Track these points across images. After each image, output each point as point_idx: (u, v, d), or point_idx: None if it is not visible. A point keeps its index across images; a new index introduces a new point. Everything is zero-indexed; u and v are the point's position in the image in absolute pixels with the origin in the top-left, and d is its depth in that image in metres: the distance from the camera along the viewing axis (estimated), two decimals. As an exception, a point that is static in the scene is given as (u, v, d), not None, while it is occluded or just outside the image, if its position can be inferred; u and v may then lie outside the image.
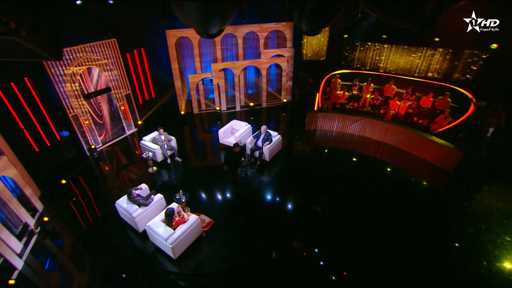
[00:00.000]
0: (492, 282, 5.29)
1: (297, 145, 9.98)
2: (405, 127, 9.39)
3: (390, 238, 6.27)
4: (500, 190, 7.74)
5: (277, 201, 7.41)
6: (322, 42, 11.72)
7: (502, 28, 8.83)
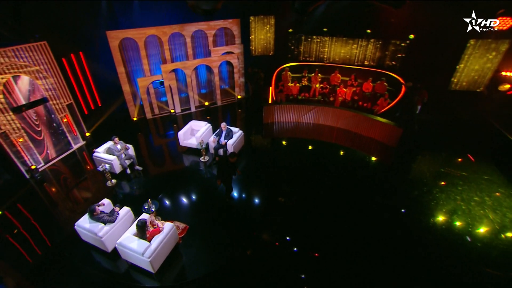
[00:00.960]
0: (435, 230, 6.04)
1: (258, 139, 9.92)
2: (353, 111, 10.01)
3: (351, 211, 6.64)
4: (431, 157, 8.73)
5: (249, 197, 7.22)
6: (269, 37, 11.84)
7: (417, 20, 10.06)
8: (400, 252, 5.63)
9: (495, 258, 5.44)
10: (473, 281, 5.09)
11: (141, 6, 9.78)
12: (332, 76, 11.75)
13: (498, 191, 7.10)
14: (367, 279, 5.13)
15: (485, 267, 5.28)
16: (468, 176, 7.66)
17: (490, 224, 6.15)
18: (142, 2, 9.73)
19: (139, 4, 9.71)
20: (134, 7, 9.72)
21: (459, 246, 5.71)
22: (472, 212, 6.47)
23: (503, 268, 5.26)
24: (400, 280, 5.14)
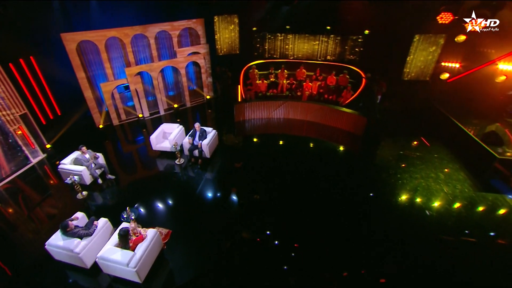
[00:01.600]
0: (403, 207, 6.52)
1: (232, 138, 9.87)
2: (320, 104, 10.41)
3: (325, 199, 6.90)
4: (393, 142, 9.36)
5: (228, 196, 7.13)
6: (233, 36, 11.79)
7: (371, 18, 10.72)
8: (373, 232, 6.00)
9: (450, 226, 6.05)
10: (433, 249, 5.58)
11: (100, 6, 9.09)
12: (298, 71, 12.08)
13: (448, 167, 7.91)
14: (344, 261, 5.38)
15: (442, 235, 5.84)
16: (424, 156, 8.41)
17: (445, 196, 6.83)
18: (101, 2, 9.05)
19: (98, 4, 9.01)
20: (92, 8, 8.97)
21: (421, 219, 6.25)
22: (431, 187, 7.13)
23: (457, 234, 5.86)
24: (374, 257, 5.46)
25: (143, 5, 8.91)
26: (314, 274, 5.11)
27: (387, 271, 5.14)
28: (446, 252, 5.52)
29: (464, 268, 5.21)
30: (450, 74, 10.69)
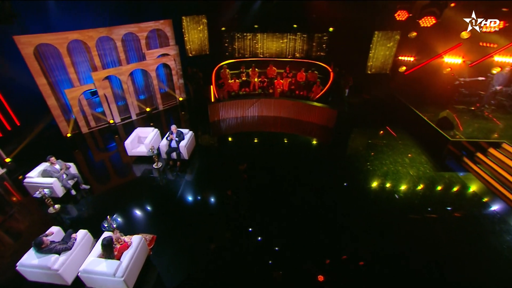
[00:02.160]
0: (375, 192, 6.96)
1: (208, 138, 9.78)
2: (292, 99, 10.67)
3: (303, 191, 7.11)
4: (362, 133, 9.90)
5: (209, 197, 7.05)
6: (203, 36, 11.62)
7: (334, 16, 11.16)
8: (350, 217, 6.31)
9: (417, 204, 6.55)
10: (401, 228, 5.98)
11: (59, 7, 8.38)
12: (268, 69, 12.26)
13: (411, 152, 8.56)
14: (325, 249, 5.56)
15: (409, 214, 6.28)
16: (390, 144, 9.01)
17: (411, 178, 7.40)
18: (60, 2, 8.35)
19: (56, 4, 8.30)
20: (50, 8, 8.23)
21: (393, 201, 6.69)
22: (399, 171, 7.67)
23: (421, 212, 6.35)
24: (352, 241, 5.74)
25: (107, 6, 8.41)
26: (297, 266, 5.22)
27: (364, 254, 5.40)
28: (414, 229, 5.94)
29: (429, 243, 5.64)
30: (406, 67, 11.53)
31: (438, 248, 5.50)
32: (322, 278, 4.93)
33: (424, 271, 5.04)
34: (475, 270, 5.08)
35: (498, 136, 8.25)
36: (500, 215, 6.28)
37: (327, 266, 5.17)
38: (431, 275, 4.98)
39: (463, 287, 4.81)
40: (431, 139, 8.83)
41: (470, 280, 4.90)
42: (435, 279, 4.90)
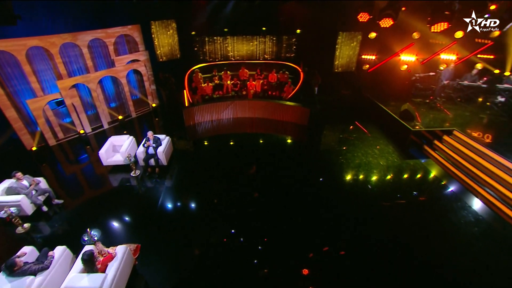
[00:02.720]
0: (350, 185, 7.41)
1: (185, 143, 9.68)
2: (265, 100, 10.93)
3: (282, 186, 7.31)
4: (334, 128, 10.39)
5: (191, 201, 6.97)
6: (173, 41, 11.45)
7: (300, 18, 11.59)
8: (327, 210, 6.60)
9: (388, 193, 7.06)
10: (376, 216, 6.39)
11: (16, 11, 7.60)
12: (240, 72, 12.41)
13: (379, 143, 9.20)
14: (307, 242, 5.74)
15: (383, 202, 6.75)
16: (361, 137, 9.60)
17: (382, 168, 7.96)
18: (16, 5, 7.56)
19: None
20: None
21: (366, 190, 7.15)
22: (370, 162, 8.20)
23: (392, 199, 6.85)
24: (332, 232, 6.02)
25: (71, 11, 7.97)
26: (282, 262, 5.34)
27: (344, 244, 5.66)
28: (387, 215, 6.40)
29: (400, 226, 6.11)
30: (369, 65, 12.33)
31: (408, 231, 5.97)
32: (306, 271, 5.11)
33: (399, 252, 5.46)
34: (441, 244, 5.64)
35: (449, 124, 9.14)
36: (456, 194, 7.02)
37: (310, 259, 5.34)
38: (405, 255, 5.42)
39: (433, 262, 5.30)
40: (395, 131, 9.54)
41: (438, 254, 5.43)
42: (408, 258, 5.35)
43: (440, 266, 5.20)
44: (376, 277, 4.99)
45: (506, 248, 5.58)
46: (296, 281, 5.00)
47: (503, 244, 5.67)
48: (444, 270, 5.13)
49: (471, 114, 9.99)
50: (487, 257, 5.37)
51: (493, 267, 5.18)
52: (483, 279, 4.97)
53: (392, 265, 5.21)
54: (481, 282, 4.92)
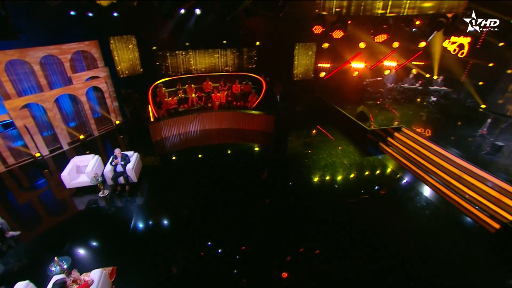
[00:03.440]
0: (319, 185, 7.91)
1: (153, 158, 9.44)
2: (231, 110, 11.16)
3: (254, 194, 7.47)
4: (298, 134, 10.99)
5: (164, 217, 6.79)
6: (134, 56, 11.17)
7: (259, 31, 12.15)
8: (298, 212, 6.91)
9: (354, 189, 7.65)
10: (345, 213, 6.86)
11: None
12: (204, 84, 12.51)
13: (341, 144, 9.94)
14: (283, 246, 5.92)
15: (348, 199, 7.26)
16: (324, 140, 10.27)
17: (346, 166, 8.61)
18: None
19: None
20: None
21: (334, 189, 7.67)
22: (335, 162, 8.81)
23: (357, 195, 7.38)
24: (305, 233, 6.33)
25: (20, 26, 7.32)
26: (261, 269, 5.42)
27: (318, 243, 5.93)
28: (354, 211, 6.91)
29: (366, 219, 6.67)
30: (325, 72, 13.30)
31: (374, 222, 6.52)
32: (286, 275, 5.23)
33: (368, 244, 5.94)
34: (401, 228, 6.33)
35: (398, 122, 10.25)
36: (410, 184, 7.88)
37: (288, 262, 5.48)
38: (373, 244, 5.92)
39: (396, 244, 5.91)
40: (354, 131, 10.37)
41: (401, 237, 6.08)
42: (377, 247, 5.86)
43: (402, 246, 5.84)
44: (352, 268, 5.37)
45: (451, 224, 6.50)
46: (276, 286, 5.10)
47: (448, 221, 6.57)
48: (406, 248, 5.78)
49: (414, 112, 11.33)
50: (438, 233, 6.18)
51: (443, 241, 6.01)
52: (436, 251, 5.72)
53: (364, 255, 5.64)
54: (435, 253, 5.66)
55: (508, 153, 8.22)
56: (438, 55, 12.46)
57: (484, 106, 11.63)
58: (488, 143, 8.34)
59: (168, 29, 11.13)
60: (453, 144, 8.55)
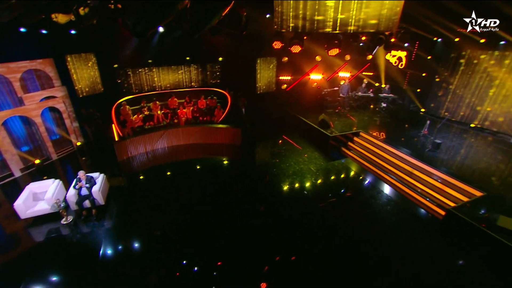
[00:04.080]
0: (289, 192, 8.24)
1: (121, 178, 9.01)
2: (198, 126, 11.19)
3: (226, 207, 7.52)
4: (265, 144, 11.31)
5: (136, 239, 6.44)
6: (94, 75, 10.69)
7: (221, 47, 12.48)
8: (271, 220, 7.05)
9: (323, 193, 8.09)
10: (316, 217, 7.19)
11: None
12: (169, 100, 12.38)
13: (307, 152, 10.47)
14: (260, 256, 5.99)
15: (318, 203, 7.62)
16: (290, 148, 10.74)
17: (313, 173, 9.08)
18: None
19: None
20: None
21: (304, 195, 8.03)
22: (303, 169, 9.23)
23: (326, 199, 7.79)
24: (276, 239, 6.52)
25: None
26: (239, 282, 5.41)
27: (293, 250, 6.09)
28: (323, 214, 7.28)
29: (336, 220, 7.11)
30: (287, 84, 14.01)
31: (344, 223, 6.96)
32: (264, 285, 5.27)
33: (340, 244, 6.33)
34: (368, 225, 6.88)
35: (356, 128, 11.16)
36: (372, 184, 8.59)
37: (266, 272, 5.54)
38: (345, 243, 6.35)
39: (365, 239, 6.39)
40: (317, 138, 11.01)
41: (368, 233, 6.61)
42: (348, 246, 6.30)
43: (369, 241, 6.34)
44: (327, 270, 5.63)
45: (407, 216, 7.26)
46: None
47: (406, 214, 7.32)
48: (374, 242, 6.31)
49: (368, 118, 12.45)
50: (399, 225, 6.85)
51: (403, 231, 6.67)
52: (398, 240, 6.34)
53: (338, 256, 5.99)
54: (397, 243, 6.27)
55: (446, 149, 9.47)
56: (383, 66, 13.99)
57: (424, 110, 13.30)
58: (430, 141, 9.51)
59: (130, 46, 10.91)
60: (403, 144, 9.59)
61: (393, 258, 5.90)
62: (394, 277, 5.49)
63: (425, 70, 13.08)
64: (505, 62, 10.38)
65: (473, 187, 7.19)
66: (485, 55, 10.90)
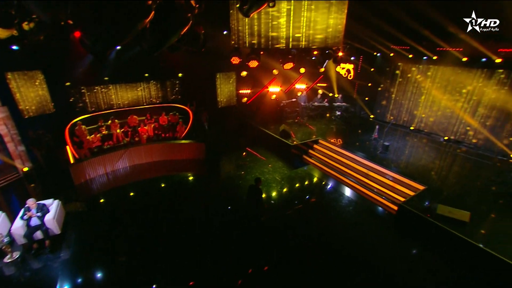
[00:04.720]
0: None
1: (78, 204, 8.25)
2: (160, 142, 10.88)
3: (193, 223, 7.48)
4: (230, 157, 11.29)
5: (99, 268, 5.98)
6: (43, 93, 9.75)
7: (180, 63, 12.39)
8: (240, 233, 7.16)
9: (289, 201, 8.36)
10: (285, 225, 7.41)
11: None
12: (129, 118, 11.82)
13: (271, 162, 10.75)
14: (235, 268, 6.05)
15: (287, 211, 7.87)
16: (255, 159, 10.93)
17: (278, 182, 9.33)
18: None
19: None
20: None
21: (271, 205, 8.10)
22: (269, 179, 9.44)
23: (292, 205, 8.10)
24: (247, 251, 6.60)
25: None
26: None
27: (265, 260, 6.19)
28: (293, 220, 7.53)
29: (304, 225, 7.40)
30: (247, 97, 14.33)
31: (311, 227, 7.27)
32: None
33: (309, 247, 6.59)
34: (333, 226, 7.29)
35: (315, 136, 11.79)
36: (334, 188, 9.11)
37: (240, 285, 5.55)
38: (314, 246, 6.63)
39: (331, 238, 6.76)
40: (279, 148, 11.38)
41: (334, 233, 7.00)
42: (318, 248, 6.60)
43: (335, 239, 6.76)
44: (302, 274, 5.82)
45: (367, 214, 7.85)
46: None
47: (365, 212, 7.91)
48: (338, 240, 6.75)
49: (326, 126, 13.30)
50: (359, 223, 7.41)
51: (364, 228, 7.22)
52: (359, 236, 6.83)
53: (310, 258, 6.25)
54: (359, 239, 6.74)
55: (393, 150, 10.49)
56: (335, 78, 15.13)
57: (373, 116, 14.62)
58: (380, 144, 10.45)
59: (84, 63, 10.25)
60: (358, 148, 10.39)
61: (359, 253, 6.34)
62: (363, 270, 5.87)
63: (370, 80, 14.53)
64: (428, 74, 12.33)
65: (417, 182, 8.07)
66: (414, 67, 12.74)
